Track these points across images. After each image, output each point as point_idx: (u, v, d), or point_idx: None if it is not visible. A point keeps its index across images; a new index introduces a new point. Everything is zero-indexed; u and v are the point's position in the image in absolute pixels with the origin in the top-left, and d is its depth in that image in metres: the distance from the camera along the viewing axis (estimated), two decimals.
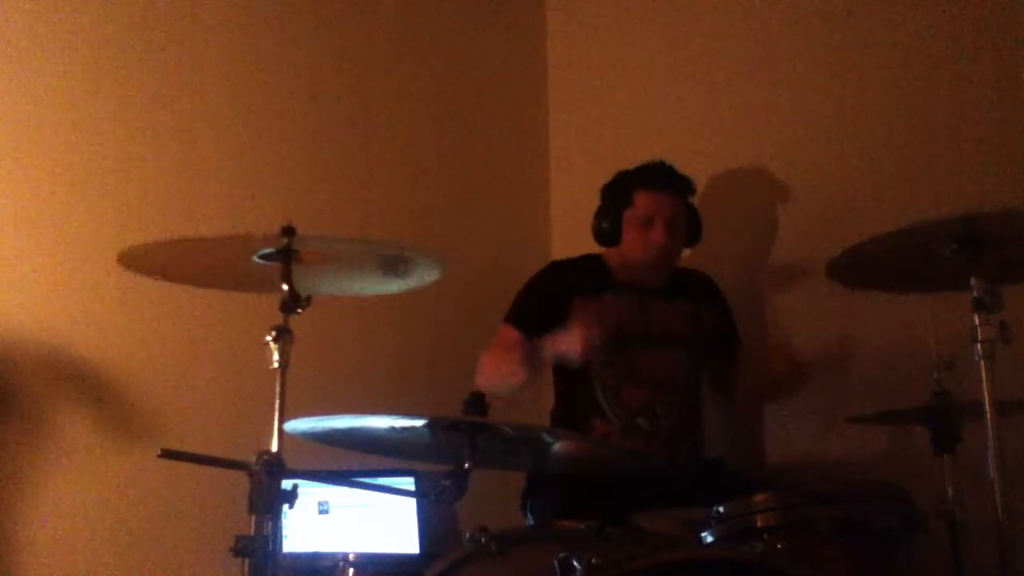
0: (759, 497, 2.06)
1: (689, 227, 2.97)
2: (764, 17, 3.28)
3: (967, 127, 2.85)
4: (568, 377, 2.94)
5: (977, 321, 2.04)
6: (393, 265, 2.11)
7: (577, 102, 3.76)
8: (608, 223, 2.96)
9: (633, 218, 2.91)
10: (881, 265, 2.26)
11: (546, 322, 2.79)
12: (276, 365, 1.97)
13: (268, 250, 2.02)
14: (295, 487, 1.90)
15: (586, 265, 3.01)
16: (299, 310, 2.00)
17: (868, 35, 3.07)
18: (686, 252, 3.04)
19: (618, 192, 2.96)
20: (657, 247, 2.89)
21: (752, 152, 3.25)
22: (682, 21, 3.50)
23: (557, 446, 2.15)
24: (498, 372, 2.74)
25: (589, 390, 2.88)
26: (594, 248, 3.04)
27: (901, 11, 3.01)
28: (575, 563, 1.66)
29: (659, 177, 2.93)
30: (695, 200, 3.01)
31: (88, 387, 2.79)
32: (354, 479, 2.49)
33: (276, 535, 1.87)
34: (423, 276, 2.17)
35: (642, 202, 2.91)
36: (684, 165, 2.98)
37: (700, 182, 3.04)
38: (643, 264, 2.94)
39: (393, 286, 2.22)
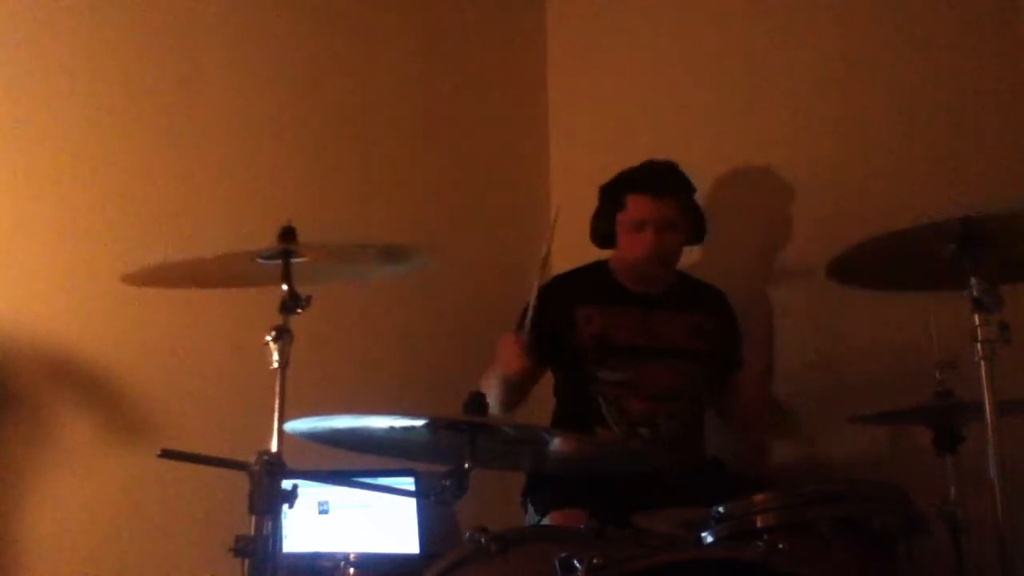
0: (759, 497, 2.05)
1: (689, 226, 2.97)
2: (765, 17, 3.28)
3: (968, 127, 2.85)
4: (569, 387, 2.95)
5: (977, 321, 2.04)
6: (391, 256, 2.11)
7: (577, 102, 3.75)
8: (603, 226, 2.98)
9: (625, 222, 2.92)
10: (881, 265, 2.26)
11: (548, 331, 2.81)
12: (276, 365, 1.97)
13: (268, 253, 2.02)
14: (295, 487, 1.89)
15: (589, 274, 3.01)
16: (299, 310, 2.00)
17: (869, 35, 3.07)
18: (693, 251, 3.04)
19: (612, 195, 2.96)
20: (647, 251, 2.89)
21: (753, 152, 3.25)
22: (683, 22, 3.50)
23: (557, 446, 2.15)
24: (493, 373, 2.77)
25: (591, 400, 2.87)
26: (593, 248, 3.04)
27: (902, 11, 3.01)
28: (576, 563, 1.65)
29: (651, 180, 2.92)
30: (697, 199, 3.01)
31: (88, 387, 2.79)
32: (354, 479, 2.49)
33: (276, 535, 1.87)
34: (419, 262, 2.17)
35: (633, 206, 2.91)
36: (684, 165, 2.97)
37: (700, 182, 3.03)
38: (637, 268, 2.94)
39: (391, 269, 2.21)
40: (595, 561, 1.64)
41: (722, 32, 3.39)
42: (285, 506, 1.89)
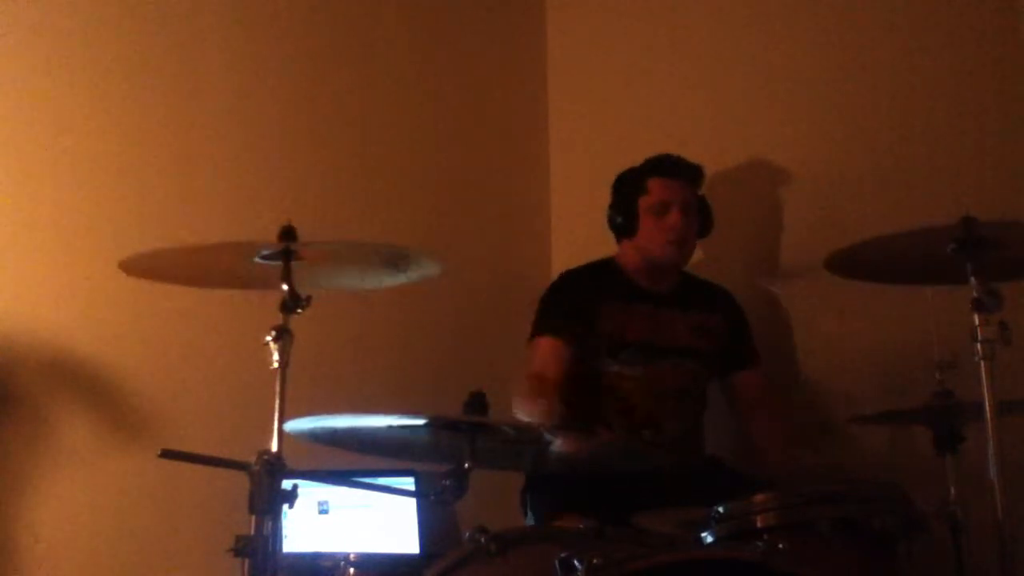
0: (759, 497, 2.05)
1: (700, 217, 2.99)
2: (765, 17, 3.28)
3: (968, 127, 2.85)
4: (574, 385, 2.93)
5: (977, 321, 2.04)
6: (393, 261, 2.11)
7: (577, 102, 3.75)
8: (623, 215, 2.97)
9: (648, 205, 2.93)
10: (880, 264, 2.26)
11: (581, 326, 2.84)
12: (276, 365, 1.97)
13: (268, 250, 2.02)
14: (295, 487, 1.89)
15: (599, 272, 3.01)
16: (299, 310, 2.00)
17: (869, 34, 3.07)
18: (694, 251, 3.04)
19: (631, 182, 2.98)
20: (674, 231, 2.90)
21: (752, 152, 3.25)
22: (683, 22, 3.50)
23: (557, 446, 2.14)
24: (534, 412, 2.69)
25: (595, 400, 2.87)
26: (593, 248, 3.04)
27: (902, 12, 3.01)
28: (576, 563, 1.65)
29: (671, 164, 2.96)
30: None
31: (88, 387, 2.79)
32: (354, 479, 2.49)
33: (276, 535, 1.87)
34: (424, 270, 2.17)
35: (656, 188, 2.93)
36: None
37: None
38: (660, 253, 2.94)
39: (393, 279, 2.21)
40: (595, 561, 1.64)
41: (722, 32, 3.39)
42: (285, 506, 1.89)
